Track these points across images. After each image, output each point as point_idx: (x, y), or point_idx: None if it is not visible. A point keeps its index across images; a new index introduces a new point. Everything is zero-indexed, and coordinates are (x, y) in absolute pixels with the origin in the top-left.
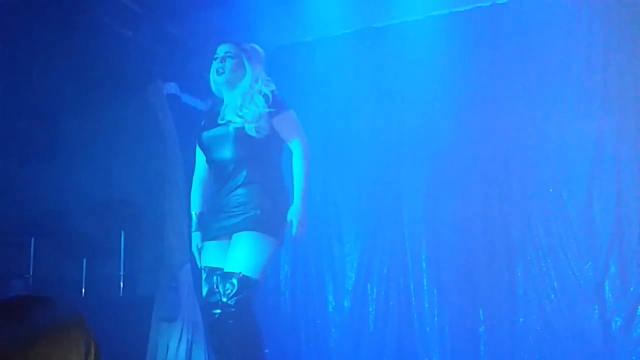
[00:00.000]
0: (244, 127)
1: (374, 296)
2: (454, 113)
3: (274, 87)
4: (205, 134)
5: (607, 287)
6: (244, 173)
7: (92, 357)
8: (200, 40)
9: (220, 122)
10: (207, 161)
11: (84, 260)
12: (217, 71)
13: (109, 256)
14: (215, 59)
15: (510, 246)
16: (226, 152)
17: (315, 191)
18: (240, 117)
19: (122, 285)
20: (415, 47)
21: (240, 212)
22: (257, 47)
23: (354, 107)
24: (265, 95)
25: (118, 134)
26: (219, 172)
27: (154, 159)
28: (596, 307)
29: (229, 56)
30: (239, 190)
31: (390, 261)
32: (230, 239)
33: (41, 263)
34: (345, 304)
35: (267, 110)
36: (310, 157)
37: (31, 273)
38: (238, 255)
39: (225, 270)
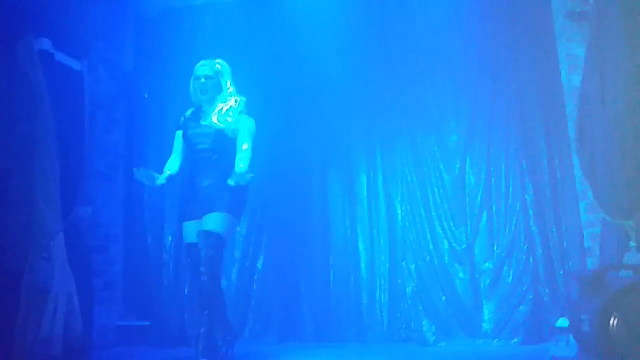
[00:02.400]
0: (223, 130)
1: (262, 264)
2: (345, 76)
3: (245, 99)
4: (190, 131)
5: (476, 250)
6: (220, 163)
7: None
8: None
9: (203, 123)
10: (190, 152)
11: None
12: (200, 90)
13: None
14: (196, 78)
15: (390, 213)
16: (207, 146)
17: None
18: (221, 122)
19: None
20: (307, 10)
21: (214, 198)
22: (224, 63)
23: (244, 71)
24: (237, 104)
25: None
26: (200, 161)
27: (23, 122)
28: (467, 267)
29: (209, 78)
30: (216, 178)
31: (274, 232)
32: (201, 219)
33: None
34: (233, 273)
35: (239, 114)
36: None
37: None
38: (212, 224)
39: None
